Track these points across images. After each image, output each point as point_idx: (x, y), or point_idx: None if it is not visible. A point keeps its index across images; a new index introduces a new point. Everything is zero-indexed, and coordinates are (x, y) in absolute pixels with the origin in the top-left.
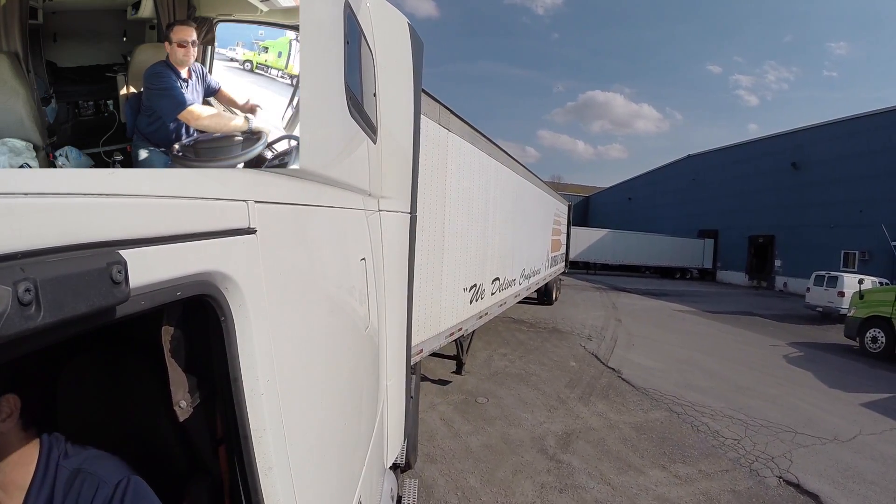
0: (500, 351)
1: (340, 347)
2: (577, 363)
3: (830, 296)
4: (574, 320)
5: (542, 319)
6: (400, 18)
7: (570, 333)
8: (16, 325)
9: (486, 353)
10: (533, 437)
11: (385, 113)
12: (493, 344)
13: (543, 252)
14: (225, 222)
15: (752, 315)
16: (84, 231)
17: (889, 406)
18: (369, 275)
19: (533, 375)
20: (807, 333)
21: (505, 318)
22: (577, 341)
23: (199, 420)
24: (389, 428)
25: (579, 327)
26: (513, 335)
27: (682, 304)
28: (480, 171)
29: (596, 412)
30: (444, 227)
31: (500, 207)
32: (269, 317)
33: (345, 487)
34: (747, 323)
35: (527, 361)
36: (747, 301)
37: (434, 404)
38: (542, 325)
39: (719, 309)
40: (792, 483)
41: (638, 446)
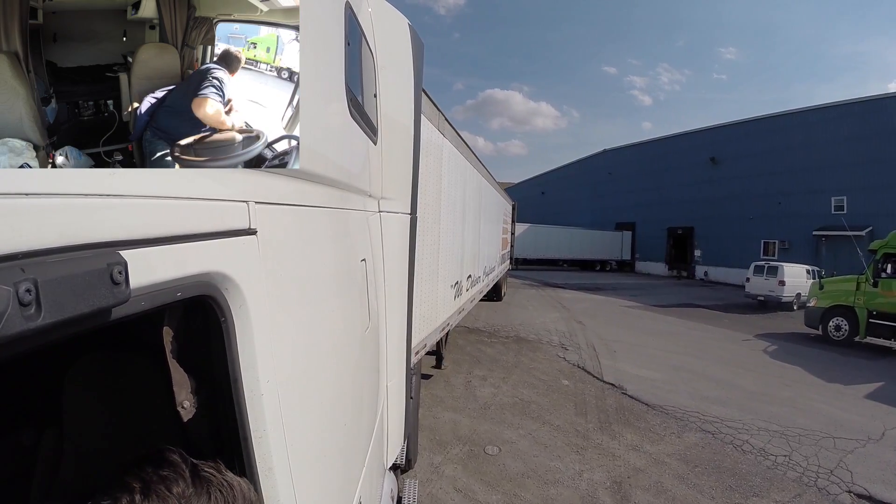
0: (476, 373)
1: (341, 348)
2: (570, 381)
3: (771, 285)
4: (533, 325)
5: (499, 327)
6: (400, 19)
7: (539, 342)
8: (16, 326)
9: (460, 377)
10: (582, 496)
11: (385, 114)
12: (464, 364)
13: (497, 250)
14: (225, 223)
15: (697, 307)
16: (84, 231)
17: (890, 396)
18: (370, 276)
19: (532, 404)
20: (761, 324)
21: (459, 329)
22: (552, 351)
23: (202, 421)
24: (389, 428)
25: (544, 333)
26: (479, 350)
27: (623, 298)
28: (460, 173)
29: (629, 445)
30: (440, 225)
31: (471, 207)
32: (269, 317)
33: (345, 488)
34: (701, 316)
35: (514, 385)
36: (680, 292)
37: (436, 466)
38: (502, 333)
39: (663, 302)
40: (864, 496)
41: (699, 484)
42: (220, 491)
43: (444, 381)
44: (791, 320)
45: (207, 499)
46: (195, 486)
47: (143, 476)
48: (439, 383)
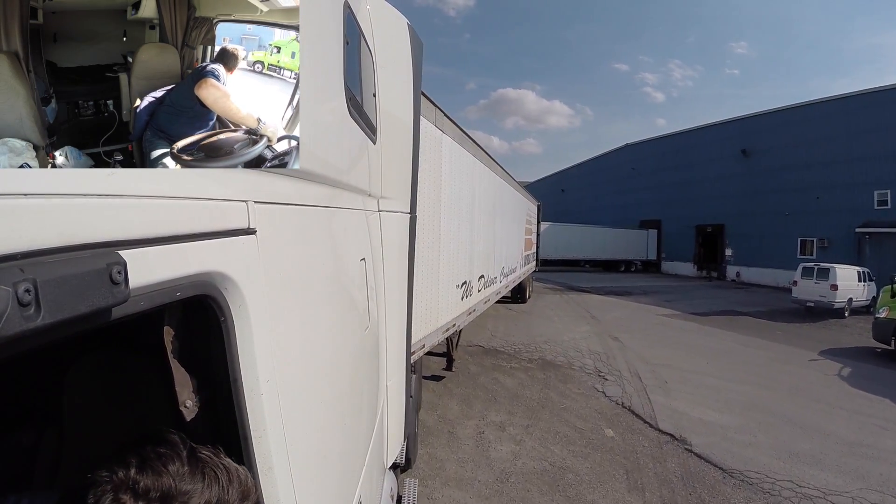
0: (491, 418)
1: (340, 347)
2: (615, 430)
3: (821, 289)
4: (561, 343)
5: (521, 345)
6: (399, 19)
7: (570, 368)
8: (16, 326)
9: (471, 424)
10: None
11: (385, 113)
12: (476, 403)
13: (519, 251)
14: (225, 223)
15: (739, 314)
16: (84, 231)
17: None
18: (369, 275)
19: (567, 472)
20: (818, 336)
21: (473, 350)
22: (587, 381)
23: (203, 420)
24: (389, 428)
25: (574, 355)
26: (495, 380)
27: (656, 304)
28: (467, 172)
29: None
30: (441, 225)
31: (483, 207)
32: (268, 317)
33: (345, 487)
34: (748, 327)
35: (541, 437)
36: (716, 296)
37: None
38: (524, 354)
39: (701, 309)
40: None
41: None
42: (216, 472)
43: (449, 433)
44: (848, 331)
45: (202, 478)
46: (190, 466)
47: (141, 452)
48: (441, 436)
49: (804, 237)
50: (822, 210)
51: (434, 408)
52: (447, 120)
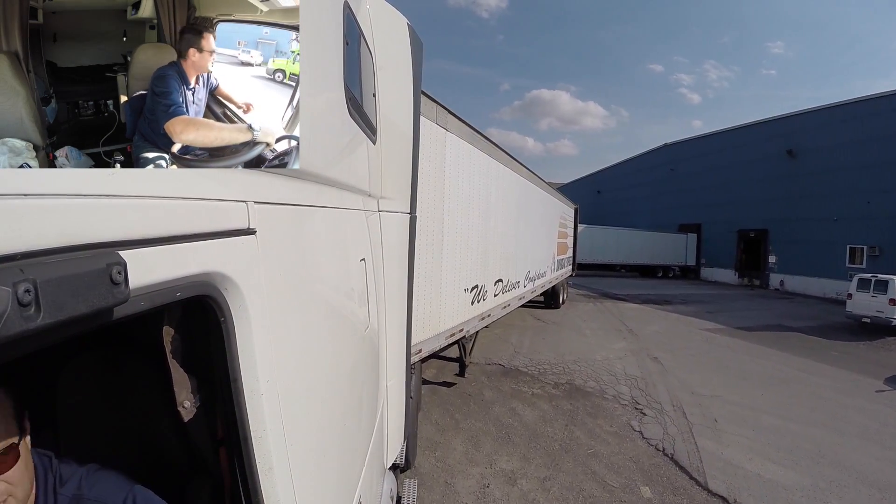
0: (500, 464)
1: (340, 348)
2: (652, 488)
3: (880, 304)
4: (593, 363)
5: (546, 365)
6: (399, 19)
7: (602, 397)
8: (16, 326)
9: (475, 472)
10: None
11: (385, 113)
12: (485, 439)
13: (549, 255)
14: (224, 223)
15: (790, 330)
16: (84, 232)
17: None
18: (369, 275)
19: None
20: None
21: (491, 369)
22: (622, 416)
23: (202, 420)
24: (389, 428)
25: (608, 380)
26: (511, 411)
27: (698, 316)
28: (480, 172)
29: None
30: (444, 226)
31: (501, 208)
32: (268, 317)
33: (345, 488)
34: (802, 346)
35: (561, 496)
36: (761, 307)
37: None
38: (549, 376)
39: (747, 322)
40: None
41: None
42: None
43: (445, 484)
44: None
45: None
46: None
47: None
48: (435, 489)
49: (853, 244)
50: (873, 215)
51: (434, 447)
52: (451, 117)
